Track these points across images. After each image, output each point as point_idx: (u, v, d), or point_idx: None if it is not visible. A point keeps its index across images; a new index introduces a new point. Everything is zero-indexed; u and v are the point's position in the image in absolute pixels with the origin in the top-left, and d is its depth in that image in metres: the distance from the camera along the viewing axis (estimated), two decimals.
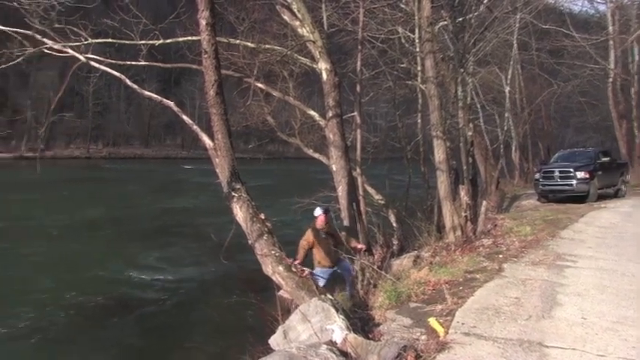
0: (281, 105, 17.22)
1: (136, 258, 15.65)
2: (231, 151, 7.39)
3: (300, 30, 12.17)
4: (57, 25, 11.87)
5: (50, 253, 16.15)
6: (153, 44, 12.51)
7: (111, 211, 24.74)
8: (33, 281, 13.20)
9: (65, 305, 11.42)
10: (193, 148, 76.53)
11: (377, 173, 17.80)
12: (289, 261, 7.42)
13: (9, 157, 57.19)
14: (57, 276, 13.69)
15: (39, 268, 14.44)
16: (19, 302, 11.50)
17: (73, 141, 69.89)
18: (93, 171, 49.16)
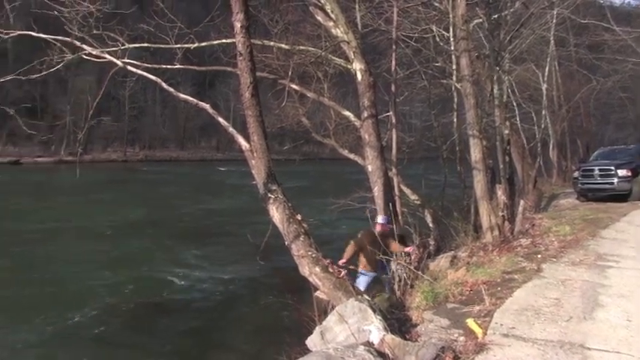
0: (315, 106, 17.26)
1: (175, 259, 15.86)
2: (267, 152, 7.44)
3: (333, 31, 12.18)
4: (95, 31, 12.15)
5: (92, 254, 16.51)
6: (188, 48, 12.68)
7: (149, 213, 25.12)
8: (75, 281, 13.50)
9: (106, 304, 11.65)
10: (228, 150, 77.17)
11: (413, 173, 17.70)
12: (326, 262, 7.42)
13: (49, 162, 58.66)
14: (98, 276, 13.97)
15: (81, 268, 14.77)
16: (63, 301, 11.79)
17: (110, 144, 71.19)
18: (130, 174, 50.00)
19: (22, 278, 13.77)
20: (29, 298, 12.16)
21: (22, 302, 11.86)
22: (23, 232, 19.66)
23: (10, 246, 17.25)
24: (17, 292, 12.56)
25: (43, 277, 13.98)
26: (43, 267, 14.86)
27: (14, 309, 11.34)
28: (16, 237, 18.76)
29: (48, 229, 20.47)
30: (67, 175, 46.88)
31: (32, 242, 18.05)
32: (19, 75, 12.35)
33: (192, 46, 12.44)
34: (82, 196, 31.33)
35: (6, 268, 14.61)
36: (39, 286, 13.14)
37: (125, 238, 19.16)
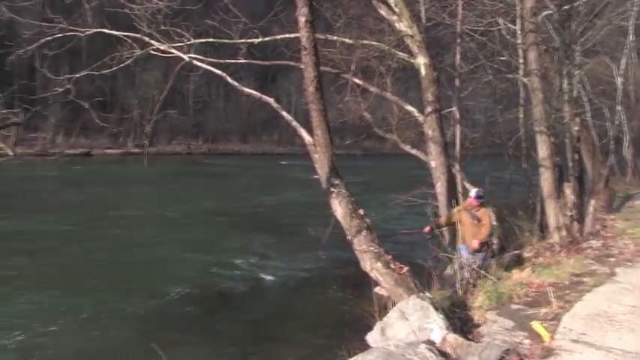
0: (378, 101, 17.12)
1: (237, 250, 16.10)
2: (331, 146, 7.43)
3: (397, 25, 12.05)
4: (162, 27, 12.47)
5: (159, 243, 16.99)
6: (252, 43, 12.81)
7: (212, 205, 25.58)
8: (138, 269, 13.91)
9: (165, 293, 11.90)
10: (289, 144, 77.74)
11: (476, 170, 17.35)
12: (388, 258, 7.37)
13: (117, 153, 60.63)
14: (164, 263, 14.38)
15: (149, 255, 15.25)
16: (129, 285, 12.19)
17: (174, 137, 72.74)
18: (194, 166, 51.09)
19: (97, 262, 14.35)
20: (100, 281, 12.64)
21: (93, 285, 12.35)
22: (96, 220, 20.54)
23: (85, 233, 18.00)
24: (89, 275, 13.10)
25: (115, 261, 14.54)
26: (115, 253, 15.47)
27: (83, 290, 11.83)
28: (90, 225, 19.63)
29: (119, 218, 21.27)
30: (134, 166, 48.43)
31: (104, 230, 18.82)
32: (92, 71, 12.82)
33: (256, 41, 12.55)
34: (150, 186, 32.42)
35: (81, 252, 15.23)
36: (109, 270, 13.67)
37: (189, 228, 19.61)
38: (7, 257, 14.33)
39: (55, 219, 20.67)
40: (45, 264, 13.93)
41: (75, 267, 13.96)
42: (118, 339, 9.42)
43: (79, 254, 15.21)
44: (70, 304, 11.02)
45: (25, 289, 11.83)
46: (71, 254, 15.16)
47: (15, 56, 13.52)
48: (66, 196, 28.13)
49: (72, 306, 10.84)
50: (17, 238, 16.96)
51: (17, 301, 11.08)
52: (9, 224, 18.93)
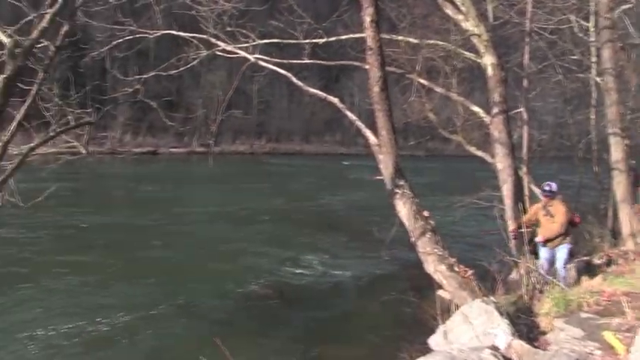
0: (442, 101, 16.89)
1: (300, 249, 16.21)
2: (396, 147, 7.39)
3: (463, 24, 11.83)
4: (228, 28, 12.71)
5: (221, 241, 17.27)
6: (316, 43, 12.87)
7: (276, 204, 25.87)
8: (204, 265, 14.22)
9: (230, 290, 12.12)
10: (352, 144, 77.80)
11: (544, 173, 16.82)
12: (452, 260, 7.26)
13: (182, 152, 62.25)
14: (226, 262, 14.62)
15: (210, 254, 15.54)
16: (192, 283, 12.46)
17: (238, 137, 73.90)
18: (257, 165, 51.82)
19: (163, 258, 14.77)
20: (167, 276, 13.01)
21: (160, 279, 12.73)
22: (164, 217, 21.20)
23: (153, 229, 18.59)
24: (157, 269, 13.52)
25: (181, 257, 14.93)
26: (182, 249, 15.90)
27: (151, 284, 12.21)
28: (158, 221, 20.29)
29: (186, 215, 21.89)
30: (199, 165, 49.59)
31: (173, 226, 19.41)
32: (159, 71, 13.20)
33: (321, 41, 12.60)
34: (214, 185, 33.13)
35: (149, 247, 15.72)
36: (177, 265, 14.05)
37: (253, 227, 19.87)
38: (81, 251, 14.97)
39: (126, 215, 21.44)
40: (115, 258, 14.43)
41: (143, 261, 14.42)
42: (183, 332, 9.66)
43: (147, 249, 15.70)
44: (138, 296, 11.39)
45: (97, 281, 12.31)
46: (140, 249, 15.67)
47: (89, 58, 14.07)
48: (135, 194, 29.16)
49: (140, 298, 11.21)
50: (91, 232, 17.71)
51: (87, 293, 11.55)
52: (84, 219, 19.75)
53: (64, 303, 10.79)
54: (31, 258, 14.01)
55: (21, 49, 4.16)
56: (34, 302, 10.77)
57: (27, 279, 12.14)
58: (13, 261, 13.54)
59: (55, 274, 12.70)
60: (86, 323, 9.78)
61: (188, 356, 8.29)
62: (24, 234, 16.61)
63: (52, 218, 18.89)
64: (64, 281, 12.18)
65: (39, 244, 15.63)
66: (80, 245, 15.66)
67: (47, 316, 10.07)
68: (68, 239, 16.50)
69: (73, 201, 23.47)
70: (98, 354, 8.71)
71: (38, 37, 4.39)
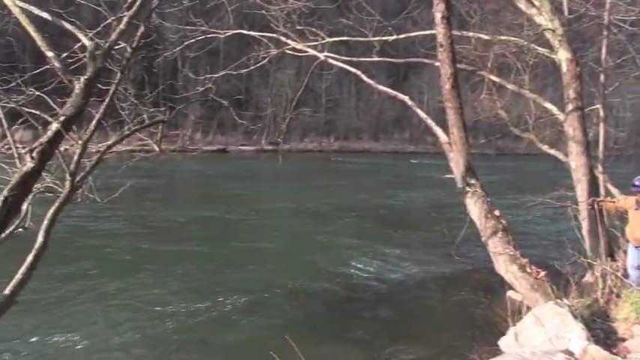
0: (513, 99, 16.46)
1: (367, 247, 16.18)
2: (467, 145, 7.27)
3: (537, 18, 11.48)
4: (298, 27, 12.81)
5: (290, 239, 17.54)
6: (386, 40, 12.80)
7: (344, 202, 25.89)
8: (273, 261, 14.40)
9: (298, 287, 12.22)
10: (421, 142, 77.02)
11: (621, 172, 16.13)
12: (524, 261, 7.07)
13: (251, 150, 63.27)
14: (294, 259, 14.77)
15: (278, 250, 15.75)
16: (261, 279, 12.65)
17: (307, 135, 74.48)
18: (325, 163, 52.04)
19: (232, 254, 15.08)
20: (236, 271, 13.28)
21: (230, 274, 13.01)
22: (235, 214, 21.61)
23: (223, 227, 19.02)
24: (225, 265, 13.82)
25: (250, 254, 15.17)
26: (251, 245, 16.17)
27: (221, 279, 12.49)
28: (228, 218, 20.75)
29: (256, 212, 22.30)
30: (268, 163, 50.26)
31: (243, 223, 19.80)
32: (230, 70, 13.46)
33: (390, 39, 12.53)
34: (283, 183, 33.59)
35: (219, 243, 16.09)
36: (245, 260, 14.30)
37: (323, 224, 19.98)
38: (155, 246, 15.53)
39: (200, 211, 21.98)
40: (191, 252, 14.89)
41: (217, 256, 14.74)
42: (255, 327, 9.83)
43: (221, 245, 16.06)
44: (212, 290, 11.70)
45: (172, 275, 12.72)
46: (215, 245, 16.04)
47: (162, 59, 14.53)
48: (208, 190, 29.98)
49: (214, 292, 11.49)
50: (166, 227, 18.32)
51: (159, 285, 11.95)
52: (159, 215, 20.44)
53: (141, 295, 11.22)
54: (116, 251, 14.65)
55: (100, 51, 4.34)
56: (113, 294, 11.25)
57: (106, 271, 12.69)
58: (105, 254, 14.21)
59: (131, 267, 13.23)
60: (160, 314, 10.15)
61: (259, 351, 8.43)
62: (104, 228, 17.38)
63: (128, 213, 19.63)
64: (141, 274, 12.67)
65: (119, 237, 16.29)
66: (155, 240, 16.22)
67: (122, 309, 10.48)
68: (147, 234, 17.11)
69: (150, 197, 24.31)
70: (170, 344, 9.00)
71: (116, 39, 4.56)
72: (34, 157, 3.60)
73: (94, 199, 5.67)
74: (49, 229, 4.21)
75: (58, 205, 4.30)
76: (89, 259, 13.53)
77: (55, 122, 3.76)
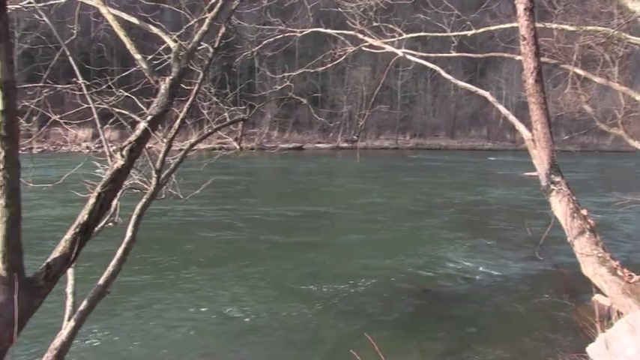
0: (599, 92, 15.73)
1: (445, 246, 15.95)
2: (551, 142, 6.98)
3: (630, 4, 10.88)
4: (375, 23, 12.71)
5: (368, 234, 17.48)
6: (464, 35, 12.50)
7: (422, 200, 25.65)
8: (350, 259, 14.40)
9: (375, 285, 12.18)
10: (499, 139, 75.21)
11: None
12: (615, 264, 6.70)
13: (327, 147, 63.70)
14: (371, 257, 14.71)
15: (355, 247, 15.75)
16: (338, 277, 12.68)
17: (382, 132, 74.19)
18: (402, 161, 51.59)
19: (315, 249, 15.22)
20: (313, 267, 13.39)
21: (307, 270, 13.14)
22: (316, 211, 21.93)
23: (302, 223, 19.25)
24: (308, 261, 13.97)
25: (331, 250, 15.29)
26: (331, 241, 16.30)
27: (301, 276, 12.63)
28: (309, 214, 21.01)
29: (333, 208, 22.51)
30: (344, 160, 50.45)
31: (322, 219, 20.03)
32: (308, 69, 13.54)
33: (469, 33, 12.21)
34: (360, 179, 33.70)
35: (287, 243, 16.26)
36: (323, 256, 14.40)
37: (398, 222, 19.86)
38: (239, 240, 15.91)
39: (281, 208, 22.31)
40: (270, 247, 15.22)
41: (297, 252, 14.94)
42: (336, 325, 9.88)
43: (300, 241, 16.28)
44: (293, 285, 11.89)
45: (253, 270, 12.99)
46: (295, 240, 16.33)
47: (241, 58, 14.80)
48: (288, 187, 30.40)
49: (296, 288, 11.67)
50: (248, 223, 18.73)
51: (239, 279, 12.22)
52: (240, 211, 20.94)
53: (221, 288, 11.52)
54: (199, 246, 15.12)
55: (184, 52, 4.45)
56: (192, 288, 11.60)
57: (188, 264, 13.10)
58: (188, 249, 14.71)
59: (212, 261, 13.60)
60: (242, 307, 10.39)
61: (339, 348, 8.48)
62: (185, 223, 17.95)
63: (210, 209, 20.20)
64: (222, 268, 13.03)
65: (201, 232, 16.79)
66: (236, 236, 16.63)
67: (204, 302, 10.77)
68: (228, 230, 17.56)
69: (231, 193, 24.99)
70: (251, 336, 9.19)
71: (199, 40, 4.67)
72: (124, 155, 3.72)
73: (176, 196, 5.85)
74: (136, 224, 4.39)
75: (145, 201, 4.46)
76: (173, 253, 14.05)
77: (143, 121, 3.88)
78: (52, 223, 16.69)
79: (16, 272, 3.21)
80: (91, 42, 46.25)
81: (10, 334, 3.16)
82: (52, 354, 3.86)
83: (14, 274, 3.19)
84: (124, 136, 7.53)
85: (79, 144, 46.08)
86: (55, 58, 6.26)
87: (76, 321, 4.02)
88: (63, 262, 3.57)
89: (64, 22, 6.73)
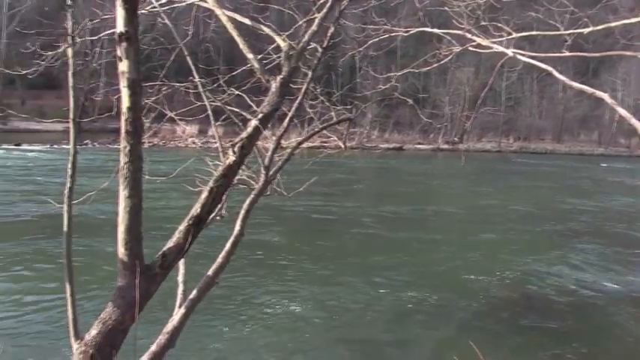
0: None
1: (551, 255, 15.44)
2: None
3: None
4: (483, 22, 12.39)
5: (467, 239, 17.29)
6: (579, 33, 11.92)
7: (524, 206, 24.81)
8: (450, 264, 14.18)
9: (477, 291, 11.96)
10: (612, 144, 71.18)
11: None
12: None
13: (427, 149, 62.80)
14: (470, 262, 14.43)
15: (457, 252, 15.48)
16: (440, 281, 12.53)
17: (485, 134, 72.11)
18: (504, 164, 49.93)
19: (415, 251, 15.16)
20: (411, 270, 13.31)
21: (407, 273, 13.08)
22: (416, 212, 21.87)
23: (402, 224, 19.17)
24: (408, 263, 13.90)
25: (431, 252, 15.15)
26: (431, 244, 16.16)
27: (395, 278, 12.56)
28: (409, 216, 20.95)
29: (436, 211, 22.41)
30: (444, 162, 49.60)
31: (423, 222, 20.00)
32: (413, 69, 13.43)
33: (586, 31, 11.62)
34: (462, 182, 33.16)
35: (388, 243, 16.22)
36: (426, 259, 14.29)
37: (501, 227, 19.36)
38: (337, 238, 16.11)
39: (380, 205, 22.55)
40: (369, 246, 15.32)
41: (396, 252, 14.98)
42: (437, 329, 9.79)
43: (403, 240, 16.35)
44: (391, 286, 11.91)
45: (349, 267, 13.10)
46: (395, 242, 16.30)
47: (346, 58, 14.97)
48: (386, 186, 30.43)
49: (396, 290, 11.67)
50: (346, 221, 18.96)
51: (341, 277, 12.34)
52: (342, 209, 21.23)
53: (321, 287, 11.69)
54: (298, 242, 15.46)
55: (294, 52, 4.55)
56: (285, 285, 11.83)
57: (286, 260, 13.39)
58: (287, 246, 15.09)
59: (311, 258, 13.84)
60: (342, 308, 10.51)
61: (442, 354, 8.41)
62: (286, 220, 18.34)
63: (313, 206, 20.52)
64: (323, 265, 13.23)
65: (299, 229, 17.11)
66: (333, 233, 16.82)
67: (300, 300, 10.96)
68: (325, 227, 17.84)
69: (333, 191, 25.32)
70: (350, 337, 9.28)
71: (309, 40, 4.77)
72: (236, 151, 3.87)
73: (280, 193, 6.01)
74: (245, 218, 4.56)
75: (253, 196, 4.62)
76: (271, 248, 14.43)
77: (254, 119, 4.02)
78: (161, 213, 17.48)
79: (137, 259, 3.43)
80: (200, 43, 48.17)
81: (131, 315, 3.39)
82: (164, 337, 4.08)
83: (135, 261, 3.41)
84: (227, 133, 7.84)
85: (185, 139, 48.11)
86: (171, 58, 6.61)
87: (186, 308, 4.22)
88: (177, 252, 3.77)
89: (177, 25, 7.07)
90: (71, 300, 3.74)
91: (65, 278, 3.80)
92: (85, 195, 4.22)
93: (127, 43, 3.11)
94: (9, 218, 16.68)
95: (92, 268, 11.40)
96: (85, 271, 10.79)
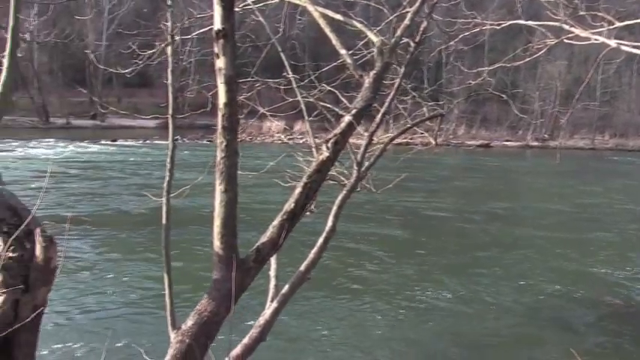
0: None
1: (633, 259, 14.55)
2: None
3: None
4: (581, 12, 11.82)
5: (552, 241, 16.47)
6: None
7: (617, 207, 23.48)
8: (539, 265, 13.68)
9: (572, 297, 11.47)
10: None
11: None
12: None
13: (515, 146, 60.80)
14: (565, 265, 13.84)
15: (539, 253, 14.91)
16: (528, 282, 12.13)
17: (577, 131, 68.94)
18: (599, 162, 47.48)
19: (504, 253, 14.77)
20: (494, 270, 12.95)
21: (500, 275, 12.75)
22: (510, 211, 21.55)
23: (490, 223, 18.74)
24: (496, 265, 13.56)
25: (521, 254, 14.70)
26: (520, 245, 15.68)
27: (488, 280, 12.27)
28: (496, 212, 20.76)
29: (524, 210, 21.88)
30: (533, 159, 47.88)
31: (510, 221, 19.46)
32: (504, 63, 13.03)
33: None
34: (551, 181, 31.96)
35: (487, 243, 15.84)
36: (514, 262, 13.87)
37: (596, 229, 18.39)
38: (426, 235, 15.96)
39: (471, 204, 22.04)
40: (457, 246, 15.13)
41: (485, 253, 14.64)
42: (534, 334, 9.50)
43: (489, 244, 15.84)
44: (484, 289, 11.65)
45: (436, 268, 12.94)
46: (483, 243, 15.88)
47: (436, 53, 14.75)
48: (475, 183, 29.70)
49: (487, 295, 11.38)
50: (435, 219, 18.74)
51: (428, 277, 12.19)
52: (429, 206, 20.99)
53: (404, 286, 11.60)
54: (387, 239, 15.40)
55: (387, 47, 4.50)
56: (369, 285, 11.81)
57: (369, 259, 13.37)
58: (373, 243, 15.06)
59: (405, 255, 13.76)
60: (426, 309, 10.39)
61: None
62: (372, 216, 18.29)
63: (402, 203, 20.38)
64: (412, 263, 13.14)
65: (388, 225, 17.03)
66: (419, 232, 16.69)
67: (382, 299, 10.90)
68: (412, 225, 17.68)
69: (424, 188, 25.07)
70: (438, 339, 9.14)
71: (402, 35, 4.70)
72: (329, 147, 3.87)
73: (369, 189, 5.98)
74: (337, 214, 4.56)
75: (345, 192, 4.62)
76: (359, 244, 14.47)
77: (348, 115, 4.00)
78: (251, 208, 17.77)
79: (233, 253, 3.49)
80: (286, 40, 48.94)
81: (226, 307, 3.46)
82: (256, 330, 4.16)
83: (231, 254, 3.47)
84: (314, 129, 7.90)
85: (272, 135, 48.93)
86: (262, 55, 6.71)
87: (278, 303, 4.28)
88: (271, 247, 3.82)
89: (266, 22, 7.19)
90: (169, 291, 3.88)
91: (164, 269, 3.95)
92: (180, 189, 4.33)
93: (224, 40, 3.17)
94: (109, 211, 17.53)
95: (188, 260, 11.81)
96: (182, 263, 11.21)
